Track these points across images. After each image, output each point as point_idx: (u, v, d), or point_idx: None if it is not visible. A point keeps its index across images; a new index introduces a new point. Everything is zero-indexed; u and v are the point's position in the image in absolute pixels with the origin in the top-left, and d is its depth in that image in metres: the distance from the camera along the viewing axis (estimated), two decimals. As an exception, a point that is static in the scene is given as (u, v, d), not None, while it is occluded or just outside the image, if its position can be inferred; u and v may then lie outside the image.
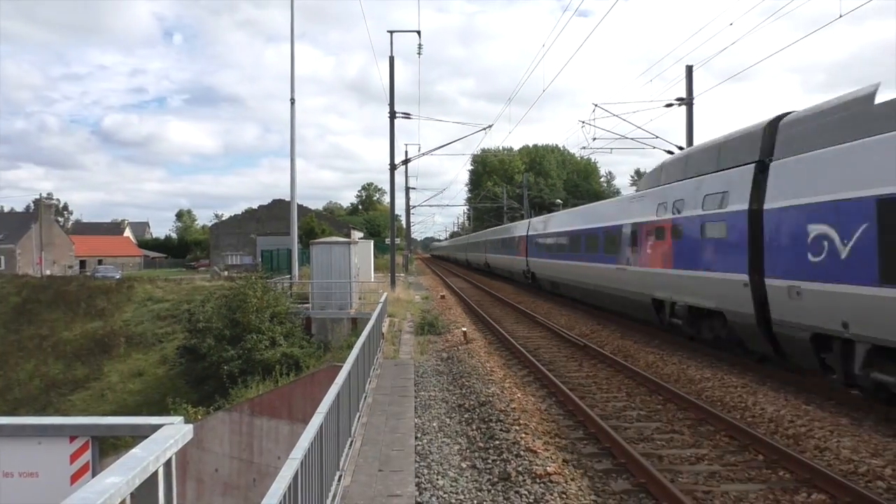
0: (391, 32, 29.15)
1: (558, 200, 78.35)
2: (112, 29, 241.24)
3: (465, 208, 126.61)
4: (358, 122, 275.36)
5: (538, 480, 6.39)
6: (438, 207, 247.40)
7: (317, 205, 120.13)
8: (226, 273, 46.58)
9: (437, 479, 6.67)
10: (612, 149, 31.45)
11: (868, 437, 7.62)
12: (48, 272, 62.14)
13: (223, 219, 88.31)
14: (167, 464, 2.95)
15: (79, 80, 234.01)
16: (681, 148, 27.64)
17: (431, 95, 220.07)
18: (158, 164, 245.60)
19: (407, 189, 63.77)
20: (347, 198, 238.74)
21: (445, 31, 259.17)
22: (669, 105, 26.82)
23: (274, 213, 60.83)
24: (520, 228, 34.94)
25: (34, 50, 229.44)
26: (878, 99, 8.46)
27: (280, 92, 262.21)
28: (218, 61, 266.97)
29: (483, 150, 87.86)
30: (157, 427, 3.22)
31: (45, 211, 72.14)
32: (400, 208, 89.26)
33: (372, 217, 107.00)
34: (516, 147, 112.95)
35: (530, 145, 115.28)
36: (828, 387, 9.94)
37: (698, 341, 13.93)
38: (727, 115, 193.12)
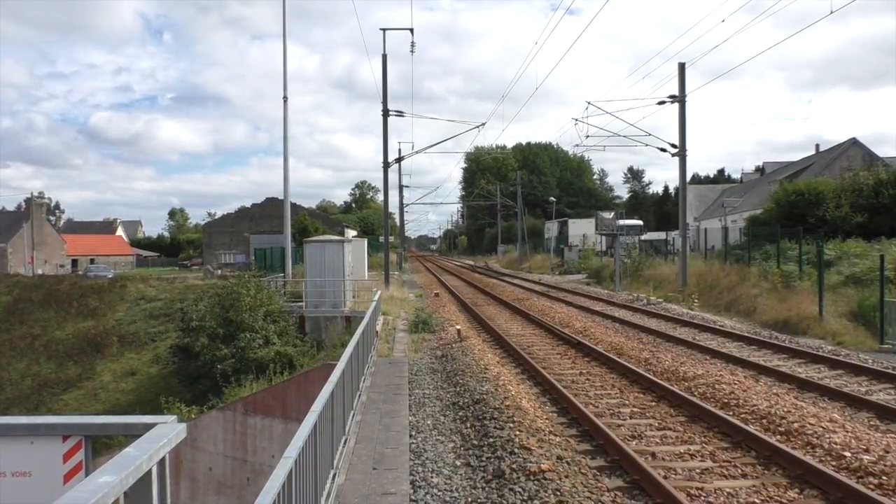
0: (384, 30, 29.18)
1: (552, 199, 78.49)
2: (97, 27, 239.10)
3: (459, 206, 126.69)
4: (346, 121, 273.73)
5: (532, 478, 6.40)
6: (432, 206, 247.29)
7: (309, 203, 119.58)
8: (219, 272, 46.41)
9: (432, 477, 6.68)
10: (605, 146, 31.53)
11: (860, 433, 7.67)
12: (40, 271, 61.81)
13: (216, 217, 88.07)
14: (161, 463, 2.94)
15: (64, 79, 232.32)
16: (674, 146, 27.67)
17: (420, 93, 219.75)
18: (147, 162, 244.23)
19: (401, 187, 63.72)
20: (339, 196, 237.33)
21: (432, 29, 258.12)
22: (662, 102, 26.85)
23: (267, 212, 60.62)
24: None
25: (18, 48, 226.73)
26: None
27: (267, 90, 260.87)
28: (203, 59, 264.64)
29: (476, 149, 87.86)
30: (150, 426, 3.20)
31: (36, 210, 71.74)
32: (393, 206, 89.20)
33: (365, 215, 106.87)
34: (509, 145, 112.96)
35: (523, 143, 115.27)
36: (820, 383, 10.02)
37: None
38: (717, 112, 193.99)
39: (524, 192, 71.83)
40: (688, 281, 26.23)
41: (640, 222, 57.73)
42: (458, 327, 16.28)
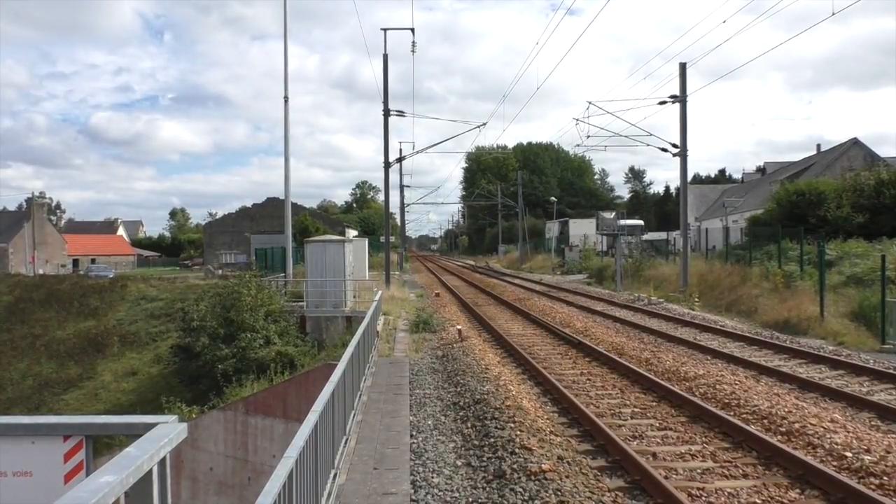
0: (385, 30, 29.19)
1: (553, 199, 78.51)
2: (97, 27, 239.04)
3: (460, 206, 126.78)
4: (346, 121, 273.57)
5: (533, 478, 6.40)
6: (433, 206, 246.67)
7: (310, 203, 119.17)
8: (220, 272, 46.44)
9: (433, 477, 6.67)
10: (605, 146, 31.55)
11: (862, 433, 7.66)
12: (41, 271, 61.85)
13: (217, 217, 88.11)
14: (161, 462, 2.93)
15: (64, 79, 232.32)
16: (675, 146, 27.67)
17: (420, 93, 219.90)
18: (148, 162, 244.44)
19: (401, 187, 63.79)
20: (339, 196, 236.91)
21: (432, 29, 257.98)
22: (663, 103, 26.85)
23: (268, 212, 60.68)
24: None
25: (18, 48, 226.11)
26: None
27: (267, 90, 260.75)
28: (203, 59, 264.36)
29: (477, 148, 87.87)
30: (151, 426, 3.20)
31: (37, 210, 71.83)
32: (394, 206, 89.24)
33: (366, 215, 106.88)
34: (510, 145, 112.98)
35: (524, 143, 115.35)
36: (821, 384, 10.02)
37: None
38: (717, 112, 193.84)
39: (525, 192, 71.82)
40: (689, 281, 26.22)
41: (641, 222, 57.78)
42: (459, 327, 16.28)
